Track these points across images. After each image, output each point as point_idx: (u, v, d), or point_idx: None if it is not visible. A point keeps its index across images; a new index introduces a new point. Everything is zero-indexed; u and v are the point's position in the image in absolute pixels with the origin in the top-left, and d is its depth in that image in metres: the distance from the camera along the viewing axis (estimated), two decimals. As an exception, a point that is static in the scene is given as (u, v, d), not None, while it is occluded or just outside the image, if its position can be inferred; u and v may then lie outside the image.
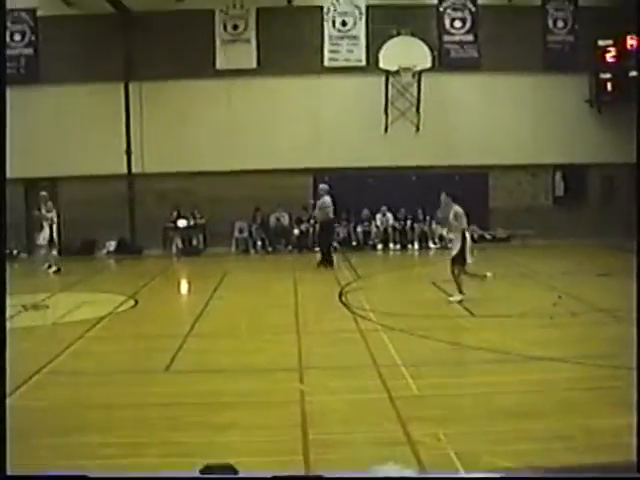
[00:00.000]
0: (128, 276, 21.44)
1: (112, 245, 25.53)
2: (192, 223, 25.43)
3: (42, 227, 21.42)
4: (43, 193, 21.73)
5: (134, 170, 25.39)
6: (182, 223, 25.28)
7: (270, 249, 25.13)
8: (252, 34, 25.35)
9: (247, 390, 8.76)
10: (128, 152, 25.25)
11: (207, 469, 3.03)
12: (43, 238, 21.38)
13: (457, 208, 14.82)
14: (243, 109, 25.19)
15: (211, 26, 25.28)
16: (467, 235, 14.73)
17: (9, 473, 5.06)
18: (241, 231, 25.46)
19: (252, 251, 25.12)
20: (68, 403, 8.55)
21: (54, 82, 24.91)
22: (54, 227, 21.42)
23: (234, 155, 24.88)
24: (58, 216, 22.10)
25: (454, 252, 14.73)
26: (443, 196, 15.31)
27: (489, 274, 14.94)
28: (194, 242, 25.57)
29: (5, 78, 5.73)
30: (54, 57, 24.97)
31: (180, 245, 25.27)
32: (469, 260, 14.63)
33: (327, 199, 20.80)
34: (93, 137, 24.91)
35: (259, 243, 25.18)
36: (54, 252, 21.55)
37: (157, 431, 7.41)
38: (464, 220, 14.72)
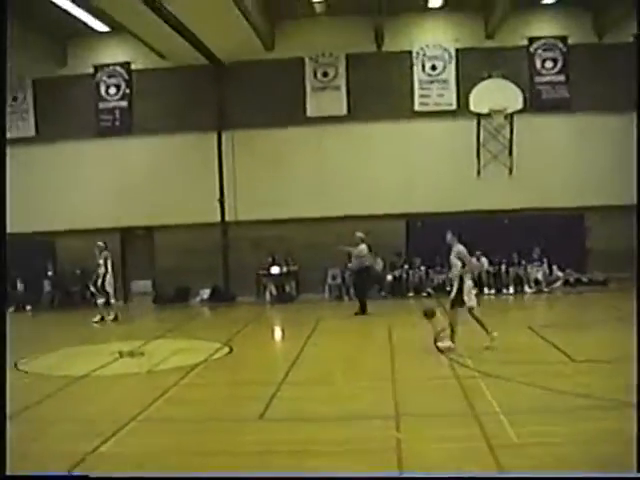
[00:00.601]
0: (222, 323, 21.56)
1: (206, 292, 25.77)
2: (285, 270, 25.51)
3: (98, 278, 21.62)
4: (100, 243, 21.88)
5: (227, 218, 25.68)
6: (275, 270, 25.38)
7: (363, 295, 24.98)
8: (342, 81, 25.54)
9: (342, 438, 8.60)
10: (221, 200, 25.57)
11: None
12: (109, 286, 21.55)
13: (460, 248, 14.37)
14: (334, 155, 25.31)
15: (301, 74, 25.57)
16: (466, 278, 14.33)
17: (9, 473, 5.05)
18: (334, 278, 25.42)
19: (345, 297, 25.01)
20: (162, 450, 8.52)
21: (148, 133, 25.48)
22: (107, 277, 21.52)
23: (326, 201, 24.97)
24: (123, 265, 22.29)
25: (452, 295, 14.43)
26: (449, 235, 14.78)
27: (496, 334, 14.14)
28: (287, 289, 25.63)
29: (5, 80, 5.77)
30: (148, 108, 25.57)
31: (274, 292, 25.34)
32: (469, 303, 14.22)
33: (363, 247, 20.92)
34: (187, 186, 25.34)
35: (352, 290, 25.08)
36: (112, 301, 21.72)
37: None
38: (466, 260, 14.35)
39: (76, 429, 9.68)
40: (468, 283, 14.44)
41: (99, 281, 21.44)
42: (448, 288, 15.06)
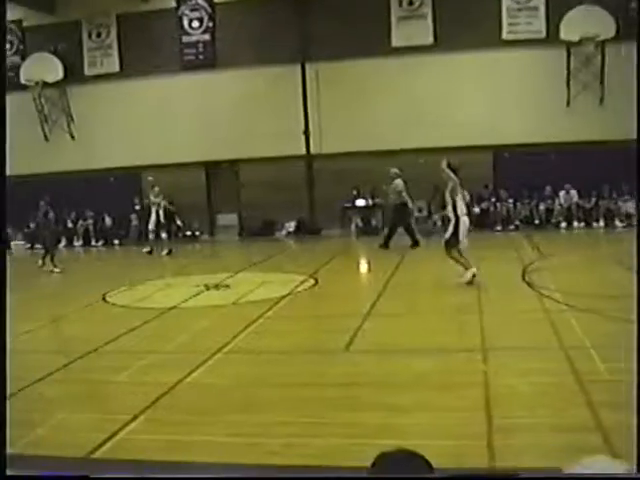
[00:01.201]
0: (307, 256, 21.62)
1: (291, 225, 25.85)
2: (371, 203, 25.37)
3: (150, 213, 21.90)
4: (150, 178, 22.08)
5: (312, 151, 25.58)
6: (361, 203, 25.27)
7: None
8: (428, 9, 24.96)
9: (428, 371, 8.52)
10: (306, 133, 25.44)
11: (382, 457, 2.80)
12: (152, 223, 21.84)
13: (453, 176, 14.14)
14: (420, 86, 24.86)
15: (386, 2, 25.07)
16: (462, 216, 14.06)
17: (9, 473, 5.08)
18: (421, 210, 25.20)
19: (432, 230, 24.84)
20: (248, 381, 8.58)
21: (232, 66, 25.40)
22: (161, 212, 21.78)
23: (412, 133, 24.61)
24: (171, 202, 22.53)
25: (447, 235, 14.18)
26: (444, 163, 14.36)
27: (474, 270, 14.03)
28: (373, 222, 25.53)
29: (5, 79, 5.70)
30: (232, 41, 25.45)
31: (359, 225, 25.28)
32: (465, 241, 14.11)
33: (398, 182, 20.75)
34: (271, 119, 25.24)
35: (439, 222, 24.85)
36: (164, 235, 21.95)
37: (336, 411, 7.29)
38: (454, 194, 14.10)
39: (162, 360, 9.82)
40: (464, 222, 14.17)
41: (154, 216, 21.77)
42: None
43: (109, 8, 26.51)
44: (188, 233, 25.66)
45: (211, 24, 26.02)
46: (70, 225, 27.01)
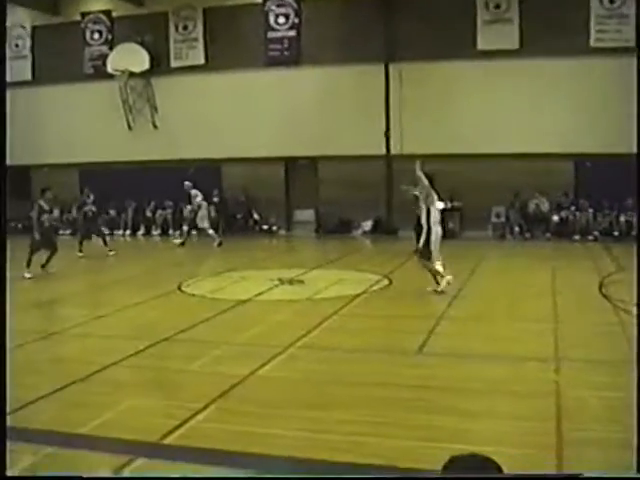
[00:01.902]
0: (383, 256, 21.58)
1: (368, 225, 25.84)
2: (449, 206, 25.21)
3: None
4: (187, 183, 23.26)
5: (392, 151, 25.52)
6: (439, 205, 25.12)
7: (528, 235, 24.50)
8: (514, 14, 24.67)
9: (500, 378, 8.47)
10: (387, 133, 25.39)
11: (453, 461, 2.82)
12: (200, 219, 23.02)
13: (427, 184, 14.30)
14: (503, 90, 24.62)
15: (472, 6, 24.88)
16: (435, 226, 14.20)
17: (9, 474, 5.17)
18: (498, 216, 24.99)
19: (509, 236, 24.60)
20: (319, 377, 8.63)
21: (316, 63, 25.49)
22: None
23: (494, 138, 24.38)
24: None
25: (420, 244, 14.19)
26: (418, 167, 14.63)
27: (449, 277, 14.10)
28: (450, 225, 25.35)
29: (5, 78, 5.79)
30: (317, 39, 25.54)
31: (437, 227, 25.14)
32: (435, 257, 14.05)
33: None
34: (352, 118, 25.27)
35: (516, 229, 24.61)
36: (210, 231, 23.03)
37: (403, 412, 7.29)
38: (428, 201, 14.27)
39: (235, 352, 9.95)
40: (437, 232, 14.18)
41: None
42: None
43: (196, 1, 26.86)
44: (265, 227, 25.86)
45: (297, 20, 26.14)
46: (149, 214, 27.45)
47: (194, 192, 23.23)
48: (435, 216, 14.25)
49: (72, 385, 8.51)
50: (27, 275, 16.38)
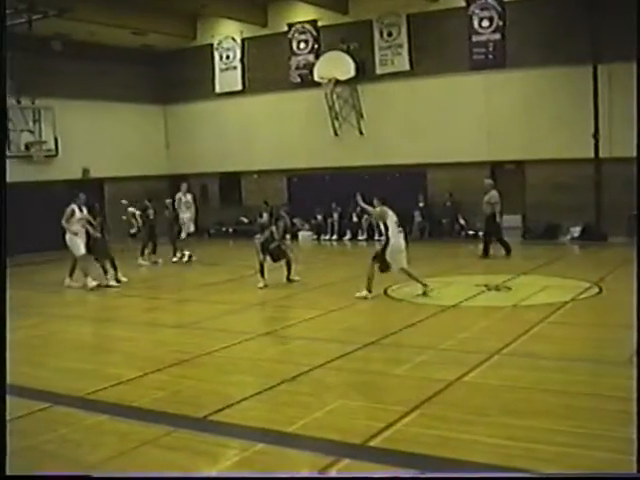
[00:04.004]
0: (592, 262, 20.93)
1: (576, 230, 25.07)
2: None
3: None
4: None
5: (601, 154, 24.68)
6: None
7: None
8: None
9: None
10: (596, 136, 24.58)
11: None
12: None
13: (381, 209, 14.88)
14: None
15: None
16: (393, 237, 14.46)
17: (9, 473, 5.18)
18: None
19: None
20: (524, 385, 8.56)
21: (520, 66, 25.07)
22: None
23: None
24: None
25: (379, 249, 14.86)
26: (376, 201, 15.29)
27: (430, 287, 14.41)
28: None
29: (5, 78, 5.80)
30: (520, 41, 25.12)
31: (648, 234, 24.14)
32: (394, 266, 14.40)
33: (494, 193, 20.78)
34: (558, 120, 24.65)
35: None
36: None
37: (615, 425, 7.08)
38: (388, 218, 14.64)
39: (440, 357, 10.02)
40: (393, 245, 14.52)
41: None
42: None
43: (399, 8, 27.03)
44: (471, 232, 25.67)
45: (501, 23, 25.75)
46: (355, 219, 27.86)
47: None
48: (393, 229, 14.86)
49: (280, 385, 8.83)
50: (297, 278, 17.22)
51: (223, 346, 11.37)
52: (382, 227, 15.14)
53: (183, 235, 22.38)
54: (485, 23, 25.90)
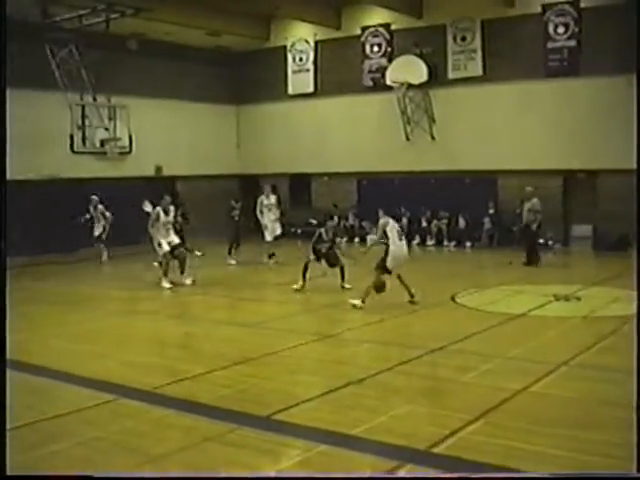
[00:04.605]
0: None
1: (645, 243, 24.60)
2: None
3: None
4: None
5: (677, 165, 24.18)
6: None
7: None
8: None
9: None
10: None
11: None
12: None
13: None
14: None
15: None
16: (391, 244, 14.29)
17: (9, 473, 5.15)
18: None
19: None
20: (591, 397, 8.45)
21: (594, 74, 24.69)
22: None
23: None
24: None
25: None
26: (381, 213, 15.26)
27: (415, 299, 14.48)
28: None
29: (5, 78, 5.76)
30: (595, 48, 24.74)
31: None
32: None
33: (537, 201, 20.77)
34: (629, 130, 24.21)
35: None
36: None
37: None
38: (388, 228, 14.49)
39: (507, 366, 9.95)
40: (393, 252, 14.31)
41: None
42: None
43: (474, 13, 26.84)
44: (541, 241, 25.34)
45: (577, 29, 25.41)
46: (424, 224, 27.75)
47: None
48: (393, 238, 14.56)
49: (346, 387, 8.85)
50: (347, 286, 16.81)
51: (289, 346, 11.43)
52: (383, 235, 14.75)
53: (269, 238, 21.96)
54: (561, 29, 25.57)
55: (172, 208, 18.48)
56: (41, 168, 24.36)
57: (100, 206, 23.58)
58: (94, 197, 23.69)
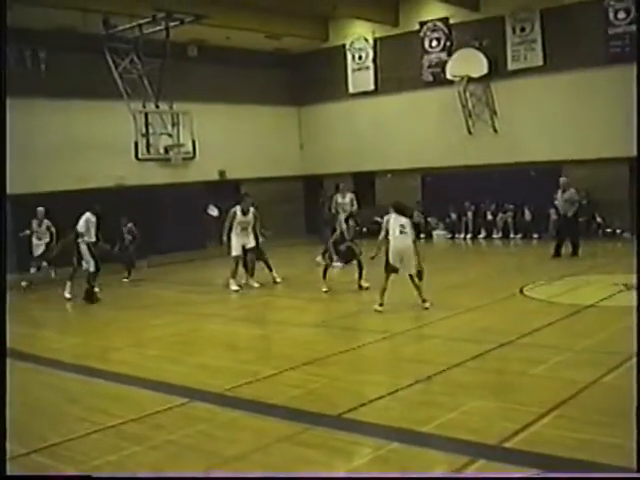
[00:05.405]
0: None
1: None
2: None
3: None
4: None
5: None
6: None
7: None
8: None
9: None
10: None
11: None
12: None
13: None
14: None
15: None
16: (391, 239, 13.70)
17: (9, 473, 5.11)
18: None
19: None
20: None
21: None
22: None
23: None
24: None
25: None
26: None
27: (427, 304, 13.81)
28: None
29: (5, 79, 5.71)
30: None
31: None
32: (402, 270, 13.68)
33: (574, 191, 20.60)
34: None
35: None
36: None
37: None
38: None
39: (578, 358, 9.86)
40: (395, 247, 13.73)
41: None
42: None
43: (533, 3, 26.55)
44: (608, 230, 25.00)
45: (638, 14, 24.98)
46: (490, 217, 27.56)
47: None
48: (394, 231, 13.88)
49: (415, 384, 8.85)
50: (366, 284, 16.69)
51: (357, 345, 11.47)
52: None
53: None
54: (621, 15, 25.14)
55: (252, 209, 18.12)
56: (107, 177, 24.80)
57: (46, 220, 20.68)
58: (40, 209, 20.70)
